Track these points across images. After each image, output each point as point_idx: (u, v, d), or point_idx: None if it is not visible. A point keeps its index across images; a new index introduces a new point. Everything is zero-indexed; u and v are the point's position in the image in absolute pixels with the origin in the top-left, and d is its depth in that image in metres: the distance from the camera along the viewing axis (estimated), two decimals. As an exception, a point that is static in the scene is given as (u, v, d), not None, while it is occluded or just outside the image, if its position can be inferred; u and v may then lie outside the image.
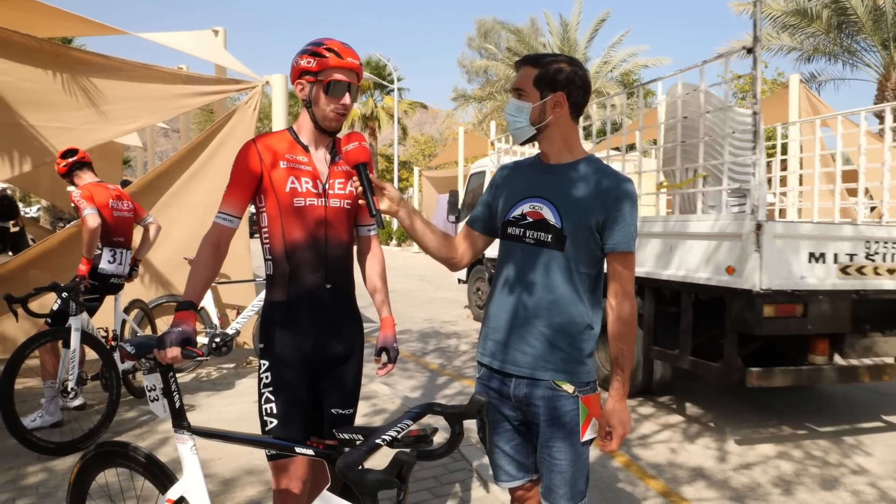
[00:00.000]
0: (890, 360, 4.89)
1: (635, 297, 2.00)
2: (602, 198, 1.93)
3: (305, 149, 2.19)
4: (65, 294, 4.16)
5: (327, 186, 2.18)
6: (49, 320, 4.31)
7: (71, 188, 4.60)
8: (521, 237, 2.02)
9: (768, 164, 7.97)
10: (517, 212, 2.03)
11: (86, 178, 4.68)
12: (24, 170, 5.58)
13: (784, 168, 8.38)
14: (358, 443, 1.60)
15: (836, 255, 4.48)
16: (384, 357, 2.26)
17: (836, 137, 6.54)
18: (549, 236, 1.96)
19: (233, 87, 6.20)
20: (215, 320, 5.75)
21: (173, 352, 1.85)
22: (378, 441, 1.47)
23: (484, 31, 36.63)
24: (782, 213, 8.19)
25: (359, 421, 4.48)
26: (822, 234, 4.52)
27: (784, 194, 8.85)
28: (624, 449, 4.31)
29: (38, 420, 4.22)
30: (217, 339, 5.58)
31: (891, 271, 4.68)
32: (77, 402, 4.43)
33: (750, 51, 4.31)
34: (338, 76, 2.10)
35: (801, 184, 8.27)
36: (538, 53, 2.03)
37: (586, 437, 1.94)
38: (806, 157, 8.26)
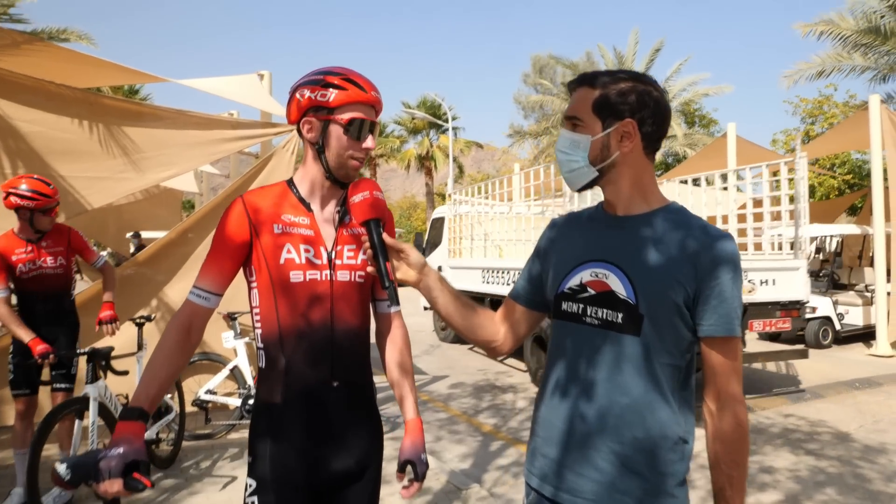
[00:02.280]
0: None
1: (744, 400, 1.43)
2: (692, 262, 1.38)
3: (307, 207, 1.73)
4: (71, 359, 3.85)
5: (334, 255, 1.70)
6: (60, 386, 4.00)
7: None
8: (579, 316, 1.48)
9: (862, 195, 7.97)
10: (574, 281, 1.50)
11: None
12: (58, 220, 5.41)
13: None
14: None
15: None
16: (409, 472, 1.72)
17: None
18: (620, 315, 1.42)
19: (270, 131, 5.93)
20: (249, 379, 5.33)
21: (113, 486, 1.38)
22: None
23: (539, 66, 36.26)
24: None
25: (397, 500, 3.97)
26: None
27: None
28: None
29: (55, 499, 3.86)
30: (251, 401, 5.16)
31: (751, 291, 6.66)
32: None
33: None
34: (360, 113, 1.65)
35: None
36: (597, 71, 1.51)
37: None
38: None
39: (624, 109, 1.43)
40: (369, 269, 1.56)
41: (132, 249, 13.01)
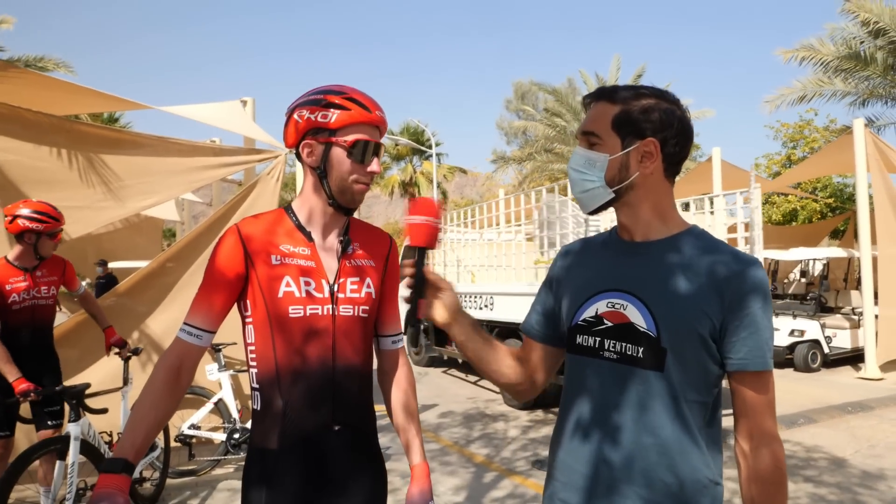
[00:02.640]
0: None
1: (779, 437, 1.33)
2: (718, 290, 1.28)
3: (307, 236, 1.60)
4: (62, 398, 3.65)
5: (336, 288, 1.57)
6: (52, 422, 3.82)
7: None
8: (596, 350, 1.37)
9: (847, 217, 7.97)
10: (588, 313, 1.39)
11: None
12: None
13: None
14: None
15: None
16: None
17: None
18: (641, 349, 1.31)
19: (254, 158, 5.80)
20: (234, 413, 5.14)
21: None
22: None
23: (521, 93, 36.70)
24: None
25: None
26: None
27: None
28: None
29: None
30: (236, 436, 4.98)
31: None
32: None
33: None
34: (364, 135, 1.54)
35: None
36: (616, 85, 1.42)
37: None
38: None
39: (646, 128, 1.34)
40: (403, 297, 1.44)
41: (97, 275, 12.89)
